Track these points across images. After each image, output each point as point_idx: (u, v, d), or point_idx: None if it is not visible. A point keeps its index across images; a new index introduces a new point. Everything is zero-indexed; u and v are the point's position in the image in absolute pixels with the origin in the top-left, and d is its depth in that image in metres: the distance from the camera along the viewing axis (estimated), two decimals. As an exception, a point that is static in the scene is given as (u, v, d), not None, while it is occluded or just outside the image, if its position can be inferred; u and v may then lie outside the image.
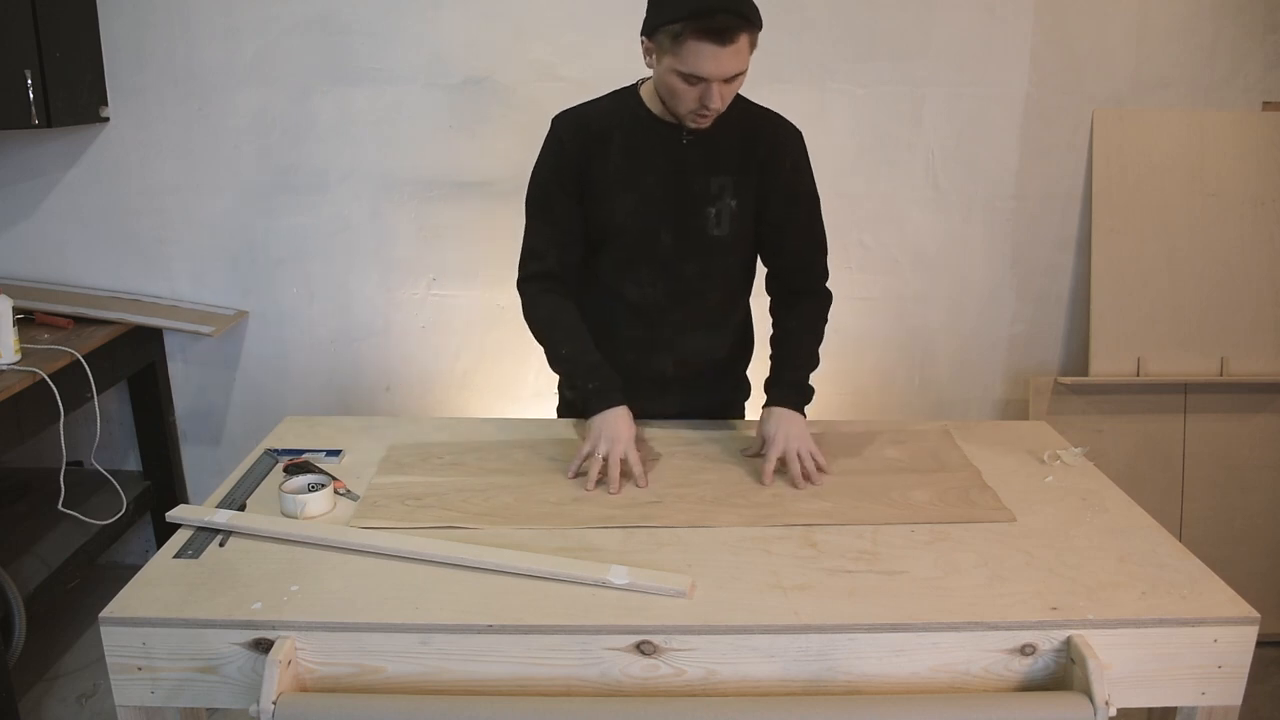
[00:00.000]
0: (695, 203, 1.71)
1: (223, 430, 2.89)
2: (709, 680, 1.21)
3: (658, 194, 1.70)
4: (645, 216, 1.72)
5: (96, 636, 1.51)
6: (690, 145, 1.68)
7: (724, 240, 1.74)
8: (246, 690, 1.21)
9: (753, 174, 1.71)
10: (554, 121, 1.74)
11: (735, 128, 1.69)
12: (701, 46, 1.47)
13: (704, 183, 1.70)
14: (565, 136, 1.71)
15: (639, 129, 1.69)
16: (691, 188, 1.70)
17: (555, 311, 1.75)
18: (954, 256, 2.72)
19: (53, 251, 2.70)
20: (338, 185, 2.66)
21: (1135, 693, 1.24)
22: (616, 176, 1.70)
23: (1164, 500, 2.66)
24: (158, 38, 2.54)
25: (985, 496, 1.55)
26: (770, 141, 1.72)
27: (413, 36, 2.55)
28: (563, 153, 1.71)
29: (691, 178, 1.70)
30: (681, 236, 1.73)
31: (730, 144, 1.70)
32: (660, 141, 1.68)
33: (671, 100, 1.59)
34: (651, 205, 1.71)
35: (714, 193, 1.70)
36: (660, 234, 1.73)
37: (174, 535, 1.43)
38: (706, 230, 1.72)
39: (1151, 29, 2.54)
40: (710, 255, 1.76)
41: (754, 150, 1.71)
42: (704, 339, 1.84)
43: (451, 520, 1.46)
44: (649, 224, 1.72)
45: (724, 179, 1.70)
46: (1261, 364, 2.64)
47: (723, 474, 1.63)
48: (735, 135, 1.69)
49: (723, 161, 1.70)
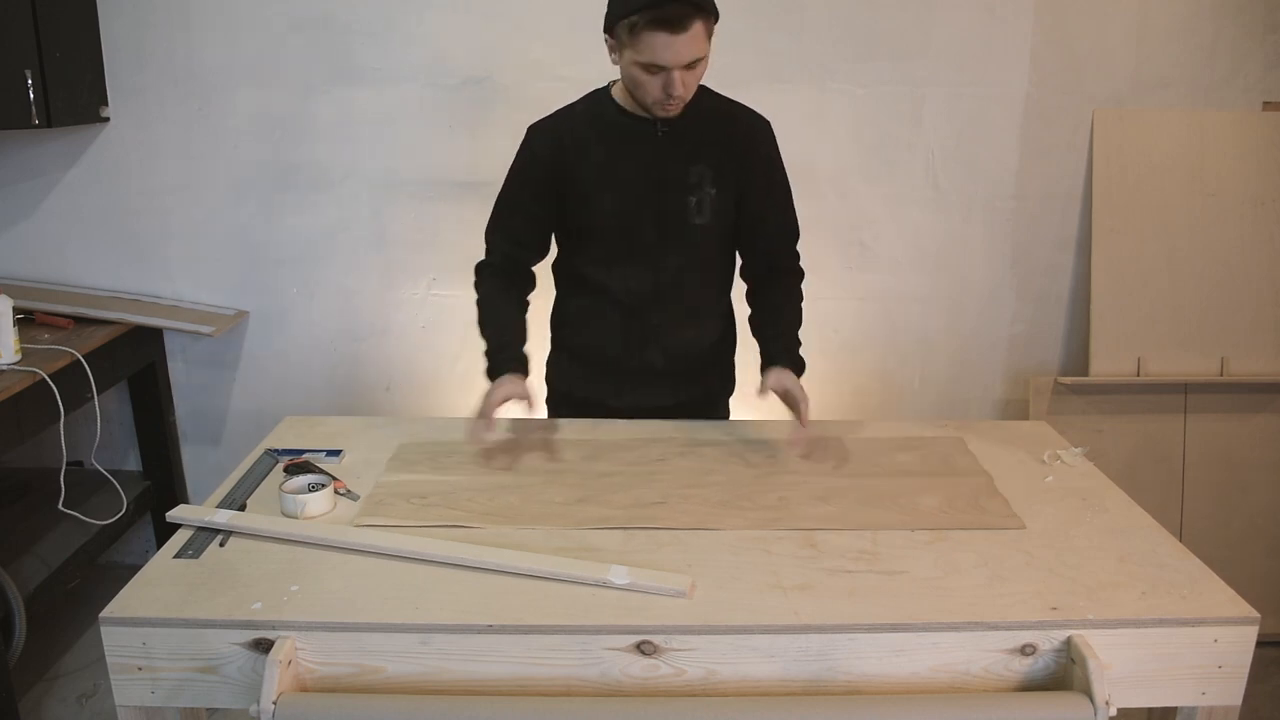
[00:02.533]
0: (675, 192, 1.74)
1: (223, 430, 2.89)
2: (709, 680, 1.21)
3: (638, 187, 1.73)
4: (627, 210, 1.74)
5: (96, 636, 1.51)
6: (665, 137, 1.71)
7: (706, 228, 1.77)
8: (246, 690, 1.21)
9: (730, 163, 1.75)
10: (529, 131, 1.80)
11: (708, 119, 1.73)
12: (657, 36, 1.52)
13: (682, 172, 1.73)
14: (540, 150, 1.76)
15: (613, 128, 1.73)
16: (670, 178, 1.73)
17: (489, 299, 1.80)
18: (954, 256, 2.72)
19: (53, 251, 2.71)
20: (338, 185, 2.66)
21: (1135, 693, 1.24)
22: (596, 176, 1.74)
23: (1164, 500, 2.66)
24: (158, 38, 2.55)
25: (995, 503, 1.53)
26: (744, 133, 1.77)
27: (413, 36, 2.55)
28: (535, 165, 1.77)
29: (670, 168, 1.73)
30: (664, 228, 1.76)
31: (705, 134, 1.73)
32: (636, 137, 1.72)
33: (637, 91, 1.63)
34: (632, 199, 1.74)
35: (693, 181, 1.73)
36: (643, 226, 1.75)
37: (174, 535, 1.43)
38: (688, 219, 1.75)
39: (1151, 29, 2.54)
40: (693, 245, 1.78)
41: (728, 141, 1.75)
42: (690, 330, 1.86)
43: (455, 519, 1.46)
44: (631, 218, 1.75)
45: (702, 168, 1.73)
46: (1261, 364, 2.64)
47: (729, 476, 1.62)
48: (709, 126, 1.74)
49: (700, 151, 1.73)
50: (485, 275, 1.84)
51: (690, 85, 1.60)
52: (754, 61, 2.54)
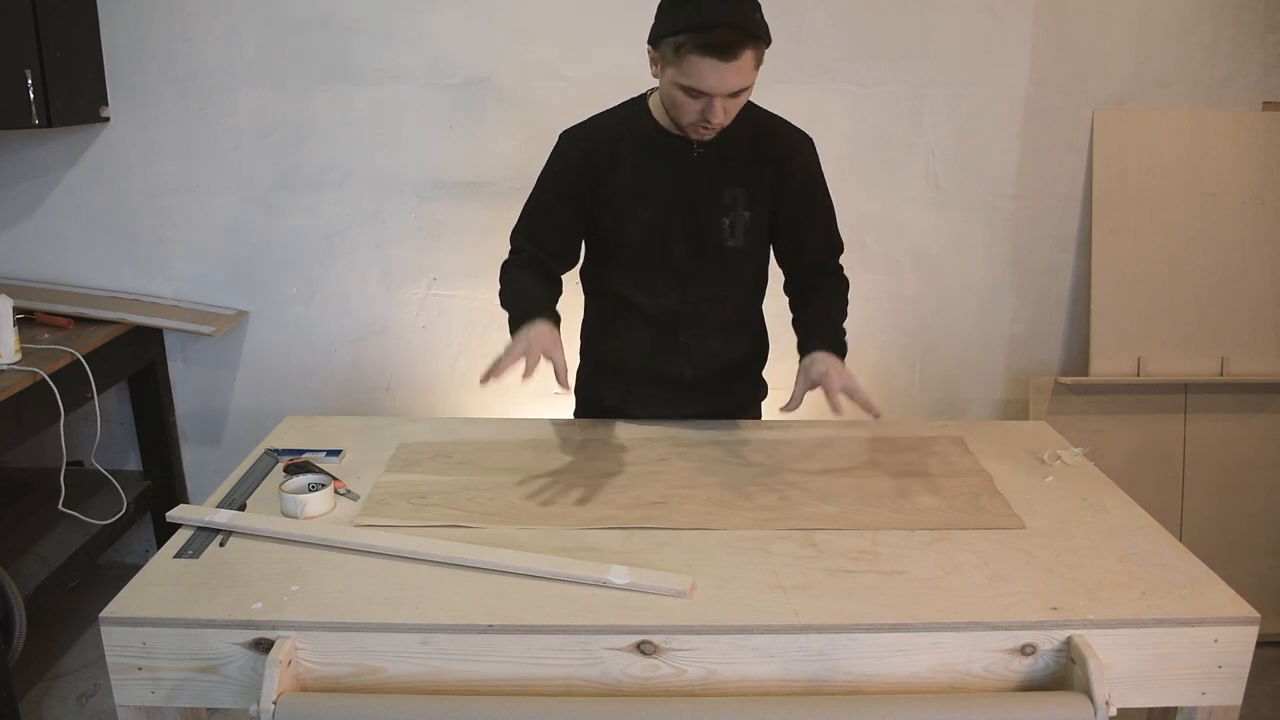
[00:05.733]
0: (708, 215, 1.69)
1: (223, 430, 2.89)
2: (709, 680, 1.21)
3: (670, 208, 1.69)
4: (658, 230, 1.70)
5: (96, 636, 1.51)
6: (701, 158, 1.67)
7: (739, 250, 1.73)
8: (246, 690, 1.21)
9: (765, 183, 1.70)
10: (561, 137, 1.74)
11: (746, 137, 1.68)
12: (704, 62, 1.45)
13: (716, 195, 1.68)
14: (573, 155, 1.71)
15: (648, 143, 1.68)
16: (704, 200, 1.69)
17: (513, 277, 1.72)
18: (954, 256, 2.72)
19: (53, 251, 2.71)
20: (338, 185, 2.66)
21: (1135, 693, 1.24)
22: (627, 191, 1.69)
23: (1164, 500, 2.66)
24: (158, 38, 2.55)
25: (995, 503, 1.53)
26: (781, 150, 1.71)
27: (413, 36, 2.55)
28: (568, 170, 1.71)
29: (703, 190, 1.68)
30: (696, 248, 1.72)
31: (741, 154, 1.68)
32: (670, 155, 1.67)
33: (674, 111, 1.58)
34: (664, 219, 1.70)
35: (726, 204, 1.69)
36: (674, 246, 1.72)
37: (174, 535, 1.43)
38: (721, 242, 1.71)
39: (1152, 29, 2.54)
40: (725, 266, 1.75)
41: (765, 160, 1.69)
42: (720, 343, 1.83)
43: (455, 519, 1.46)
44: (661, 234, 1.71)
45: (736, 190, 1.69)
46: (1261, 364, 2.64)
47: (729, 476, 1.62)
48: (746, 145, 1.68)
49: (735, 172, 1.68)
50: (512, 265, 1.76)
51: (731, 113, 1.54)
52: (754, 61, 2.54)
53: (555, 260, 1.78)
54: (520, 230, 1.79)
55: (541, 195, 1.75)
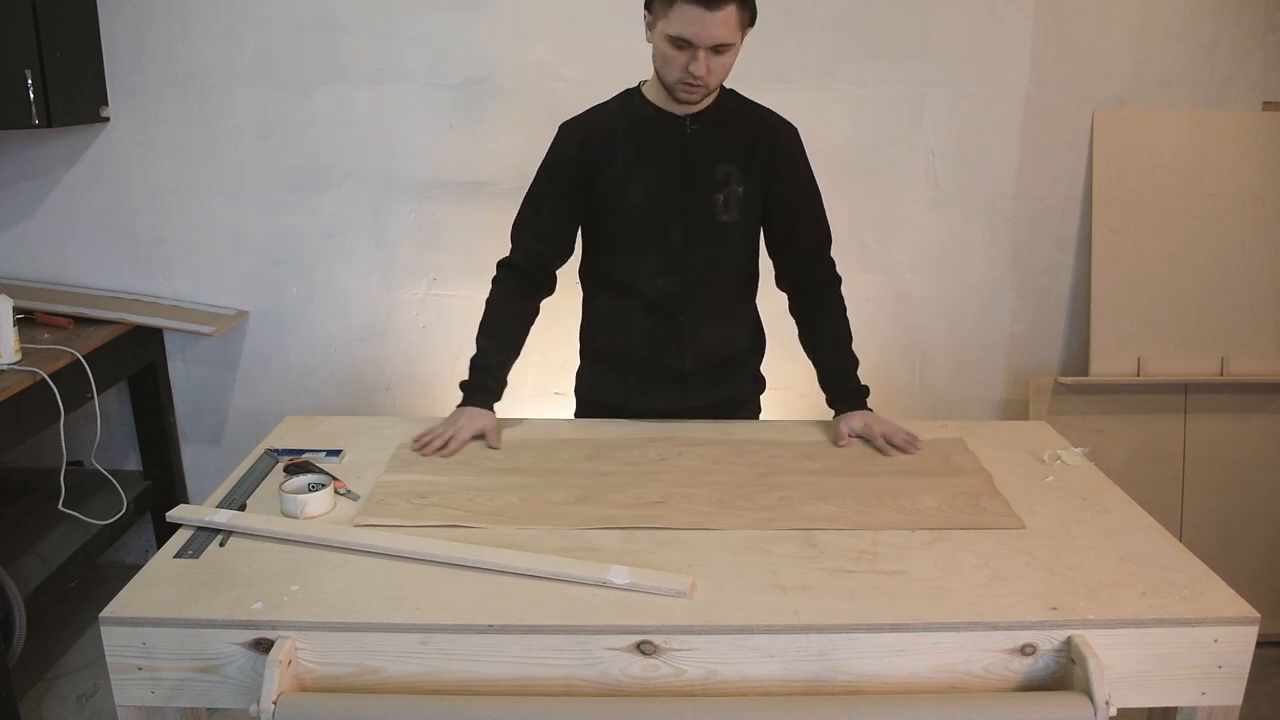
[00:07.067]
0: (703, 189, 1.75)
1: (223, 430, 2.89)
2: (709, 680, 1.21)
3: (665, 184, 1.75)
4: (654, 207, 1.75)
5: (96, 636, 1.51)
6: (694, 134, 1.73)
7: (732, 226, 1.78)
8: (246, 690, 1.21)
9: (757, 161, 1.76)
10: (560, 129, 1.81)
11: (737, 119, 1.76)
12: (691, 9, 1.54)
13: (709, 169, 1.74)
14: (570, 147, 1.78)
15: (643, 125, 1.74)
16: (698, 174, 1.74)
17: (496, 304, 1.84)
18: (954, 256, 2.72)
19: (53, 251, 2.70)
20: (338, 185, 2.66)
21: (1135, 693, 1.24)
22: (624, 172, 1.75)
23: (1164, 500, 2.66)
24: (158, 38, 2.54)
25: (995, 503, 1.53)
26: (770, 134, 1.78)
27: (413, 36, 2.55)
28: (566, 162, 1.78)
29: (697, 165, 1.74)
30: (691, 224, 1.76)
31: (733, 133, 1.75)
32: (665, 132, 1.73)
33: (663, 68, 1.64)
34: (660, 195, 1.75)
35: (720, 179, 1.74)
36: (670, 223, 1.76)
37: (174, 535, 1.43)
38: (715, 217, 1.76)
39: (1152, 29, 2.54)
40: (719, 243, 1.79)
41: (755, 141, 1.76)
42: (719, 332, 1.86)
43: (455, 519, 1.46)
44: (658, 213, 1.76)
45: (729, 166, 1.74)
46: (1261, 364, 2.64)
47: (729, 476, 1.62)
48: (737, 125, 1.76)
49: (727, 149, 1.74)
50: (503, 275, 1.85)
51: (714, 71, 1.62)
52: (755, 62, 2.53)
53: (552, 251, 1.84)
54: (519, 222, 1.85)
55: (539, 186, 1.82)
